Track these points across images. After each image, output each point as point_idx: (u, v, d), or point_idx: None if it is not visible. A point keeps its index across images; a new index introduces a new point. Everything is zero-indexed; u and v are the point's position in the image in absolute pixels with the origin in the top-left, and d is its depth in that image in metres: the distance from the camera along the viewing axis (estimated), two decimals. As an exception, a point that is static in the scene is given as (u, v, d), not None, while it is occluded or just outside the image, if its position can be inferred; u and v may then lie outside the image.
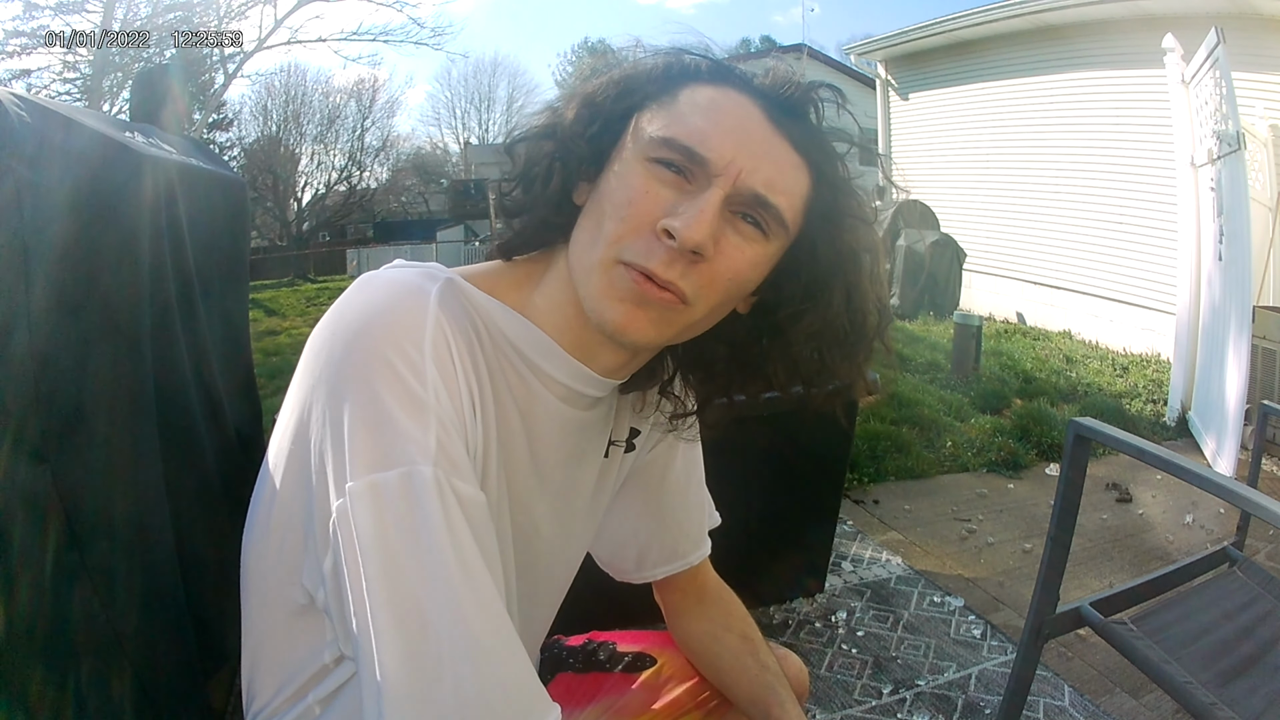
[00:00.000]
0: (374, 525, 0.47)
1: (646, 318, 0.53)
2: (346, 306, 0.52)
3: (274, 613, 0.58)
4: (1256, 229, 3.85)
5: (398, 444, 0.48)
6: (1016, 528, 2.54)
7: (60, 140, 0.85)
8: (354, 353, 0.50)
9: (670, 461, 0.80)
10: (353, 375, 0.49)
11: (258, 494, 0.59)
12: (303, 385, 0.53)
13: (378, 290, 0.53)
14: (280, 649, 0.59)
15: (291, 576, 0.56)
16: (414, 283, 0.54)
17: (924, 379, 4.32)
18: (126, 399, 0.98)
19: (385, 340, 0.50)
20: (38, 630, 0.78)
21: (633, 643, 0.90)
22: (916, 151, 8.53)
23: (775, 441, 1.82)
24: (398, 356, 0.49)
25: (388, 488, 0.47)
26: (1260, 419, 1.84)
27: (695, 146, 0.52)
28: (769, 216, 0.54)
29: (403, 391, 0.48)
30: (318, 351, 0.52)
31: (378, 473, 0.47)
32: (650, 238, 0.52)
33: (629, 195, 0.53)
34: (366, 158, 21.42)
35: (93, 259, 0.90)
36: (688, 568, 0.83)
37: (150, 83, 1.61)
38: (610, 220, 0.53)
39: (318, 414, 0.50)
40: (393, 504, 0.47)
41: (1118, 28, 5.88)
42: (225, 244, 1.60)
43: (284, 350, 5.41)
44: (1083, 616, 1.24)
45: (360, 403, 0.48)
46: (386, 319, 0.50)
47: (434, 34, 13.63)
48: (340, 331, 0.51)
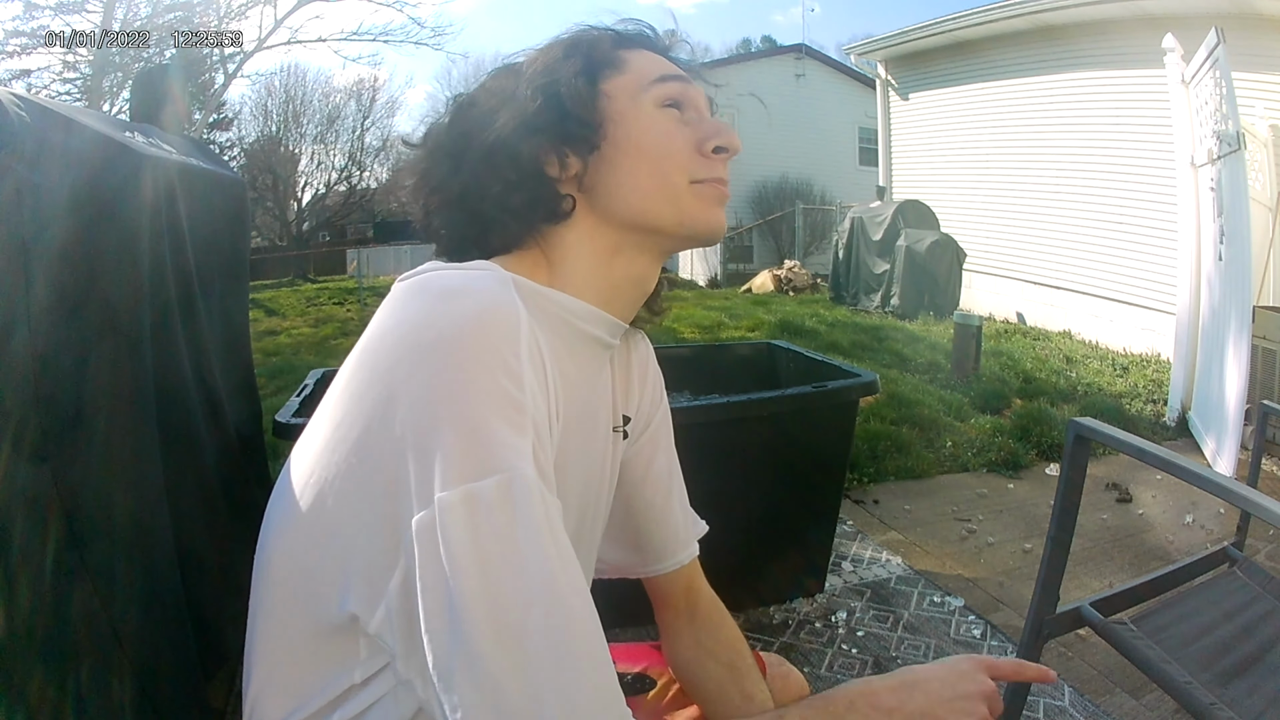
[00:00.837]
0: (469, 536, 0.45)
1: (723, 213, 0.66)
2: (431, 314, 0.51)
3: (294, 631, 0.56)
4: (1256, 229, 3.85)
5: (496, 451, 0.46)
6: (1016, 528, 2.54)
7: (60, 140, 0.85)
8: (451, 362, 0.48)
9: (654, 454, 0.81)
10: (450, 385, 0.47)
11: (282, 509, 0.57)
12: (368, 399, 0.50)
13: (467, 297, 0.51)
14: (298, 669, 0.56)
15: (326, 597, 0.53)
16: (498, 287, 0.53)
17: (924, 379, 4.32)
18: (126, 399, 0.98)
19: (487, 349, 0.49)
20: (38, 630, 0.78)
21: (631, 661, 0.88)
22: (916, 151, 8.53)
23: (775, 441, 1.82)
24: (499, 365, 0.49)
25: (485, 495, 0.45)
26: (1260, 419, 1.84)
27: (686, 85, 0.65)
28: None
29: (503, 398, 0.48)
30: (395, 363, 0.50)
31: (472, 482, 0.45)
32: (705, 158, 0.63)
33: (670, 135, 0.63)
34: (366, 158, 21.41)
35: (93, 259, 0.90)
36: (678, 566, 0.83)
37: (150, 83, 1.61)
38: (666, 157, 0.63)
39: (399, 428, 0.48)
40: (490, 512, 0.45)
41: (1118, 28, 5.88)
42: (225, 244, 1.60)
43: (284, 350, 5.42)
44: (1083, 616, 1.24)
45: (459, 415, 0.47)
46: (486, 326, 0.50)
47: (434, 34, 13.63)
48: (430, 342, 0.49)
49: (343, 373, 0.54)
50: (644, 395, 0.80)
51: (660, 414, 0.82)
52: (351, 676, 0.55)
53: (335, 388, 0.54)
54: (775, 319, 6.29)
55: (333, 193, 21.01)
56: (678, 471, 0.84)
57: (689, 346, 2.70)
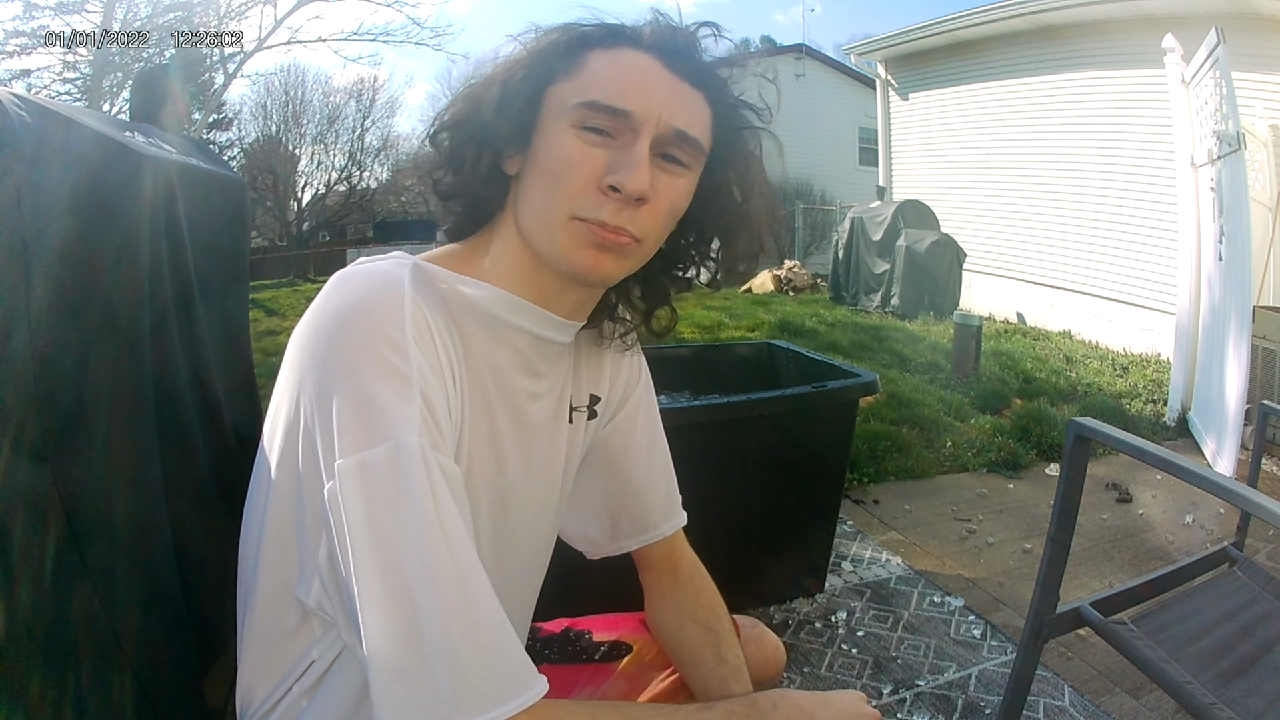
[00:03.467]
0: (362, 500, 0.48)
1: (608, 258, 0.60)
2: (327, 302, 0.55)
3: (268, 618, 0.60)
4: (1256, 229, 3.85)
5: (385, 420, 0.50)
6: (1016, 528, 2.54)
7: (60, 140, 0.85)
8: (339, 342, 0.52)
9: (633, 430, 0.81)
10: (339, 362, 0.51)
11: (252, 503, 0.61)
12: (289, 383, 0.55)
13: (355, 283, 0.56)
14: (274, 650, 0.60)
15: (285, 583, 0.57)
16: (387, 271, 0.57)
17: (924, 379, 4.32)
18: (126, 399, 0.98)
19: (369, 326, 0.52)
20: (38, 630, 0.78)
21: (608, 629, 0.89)
22: (916, 151, 8.53)
23: (775, 441, 1.82)
24: (381, 339, 0.52)
25: (375, 463, 0.49)
26: (1260, 419, 1.84)
27: (615, 103, 0.58)
28: (690, 149, 0.61)
29: (387, 369, 0.51)
30: (303, 348, 0.54)
31: (365, 450, 0.49)
32: (596, 194, 0.58)
33: (569, 160, 0.58)
34: (366, 158, 21.42)
35: (93, 259, 0.90)
36: (660, 539, 0.83)
37: (150, 83, 1.61)
38: (557, 184, 0.59)
39: (306, 407, 0.52)
40: (379, 478, 0.48)
41: (1118, 28, 5.88)
42: (225, 244, 1.60)
43: (284, 350, 5.41)
44: (1083, 616, 1.24)
45: (348, 387, 0.51)
46: (368, 306, 0.54)
47: (434, 34, 13.65)
48: (324, 325, 0.54)
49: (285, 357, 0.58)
50: (618, 375, 0.80)
51: (640, 389, 0.83)
52: (310, 655, 0.60)
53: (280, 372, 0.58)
54: (775, 319, 6.29)
55: (333, 193, 21.04)
56: (661, 446, 0.84)
57: (689, 346, 2.70)
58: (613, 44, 0.62)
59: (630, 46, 0.61)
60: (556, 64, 0.61)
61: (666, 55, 0.61)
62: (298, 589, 0.57)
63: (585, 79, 0.60)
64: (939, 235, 6.98)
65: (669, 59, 0.61)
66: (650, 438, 0.83)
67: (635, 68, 0.60)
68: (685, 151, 0.61)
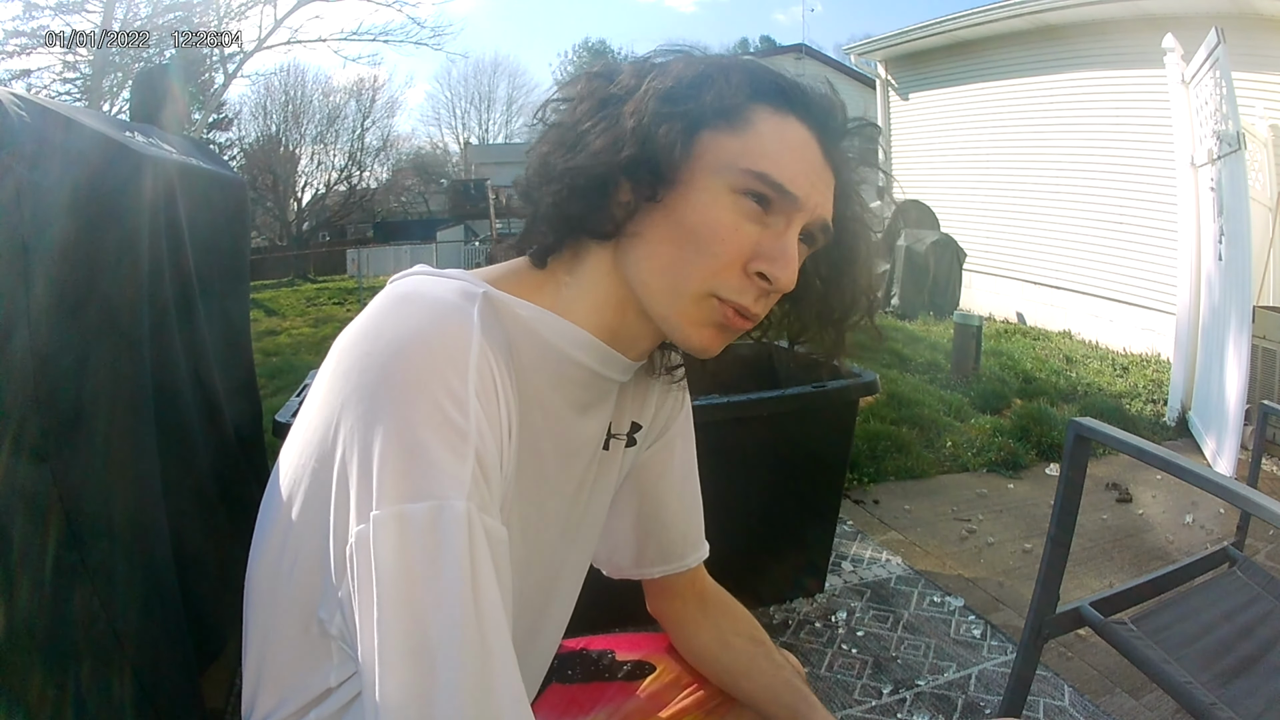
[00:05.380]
0: (395, 555, 0.45)
1: (726, 337, 0.58)
2: (383, 323, 0.50)
3: (283, 630, 0.57)
4: (1256, 229, 3.85)
5: (432, 476, 0.46)
6: (1016, 528, 2.54)
7: (60, 140, 0.85)
8: (392, 377, 0.47)
9: (669, 460, 0.81)
10: (389, 400, 0.47)
11: (269, 511, 0.58)
12: (328, 404, 0.50)
13: (418, 310, 0.51)
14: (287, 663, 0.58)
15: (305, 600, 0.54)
16: (455, 303, 0.52)
17: (924, 379, 4.32)
18: (126, 399, 0.98)
19: (429, 368, 0.48)
20: (38, 630, 0.78)
21: (630, 649, 0.89)
22: (916, 151, 8.53)
23: (775, 441, 1.82)
24: (440, 386, 0.47)
25: (415, 519, 0.45)
26: (1260, 419, 1.84)
27: (787, 185, 0.54)
28: (825, 237, 0.60)
29: (443, 421, 0.47)
30: (348, 370, 0.50)
31: (407, 503, 0.46)
32: (742, 276, 0.55)
33: (719, 232, 0.54)
34: (366, 158, 21.46)
35: (93, 259, 0.90)
36: (685, 570, 0.83)
37: (150, 83, 1.61)
38: (700, 253, 0.55)
39: (345, 437, 0.48)
40: (418, 536, 0.45)
41: (1118, 28, 5.88)
42: (225, 244, 1.60)
43: (284, 350, 5.41)
44: (1083, 616, 1.24)
45: (395, 430, 0.46)
46: (432, 344, 0.49)
47: (434, 34, 13.64)
48: (376, 352, 0.49)
49: (323, 370, 0.54)
50: (663, 404, 0.78)
51: (681, 419, 0.82)
52: (327, 680, 0.57)
53: (317, 386, 0.54)
54: (775, 319, 6.28)
55: (333, 193, 21.06)
56: (693, 478, 0.84)
57: (689, 346, 2.71)
58: (783, 106, 0.56)
59: (799, 118, 0.57)
60: (718, 103, 0.55)
61: (826, 137, 0.58)
62: (320, 609, 0.54)
63: (754, 143, 0.55)
64: (939, 235, 6.98)
65: (827, 142, 0.58)
66: (685, 469, 0.82)
67: (804, 146, 0.56)
68: (820, 238, 0.60)
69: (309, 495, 0.53)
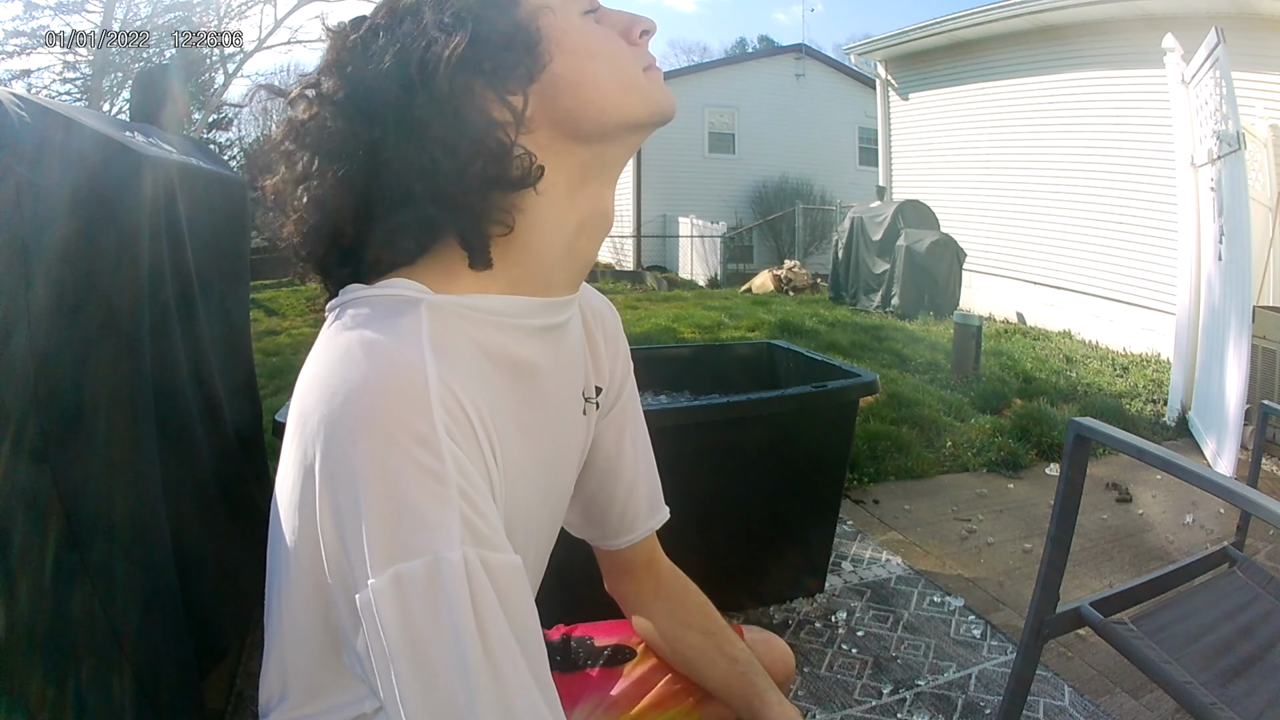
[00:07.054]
0: (399, 618, 0.45)
1: None
2: (333, 382, 0.48)
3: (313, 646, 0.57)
4: (1256, 229, 3.85)
5: (420, 530, 0.45)
6: (1016, 528, 2.54)
7: (60, 140, 0.85)
8: (357, 437, 0.46)
9: (624, 423, 0.80)
10: (362, 463, 0.46)
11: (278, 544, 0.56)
12: (298, 463, 0.49)
13: (365, 362, 0.49)
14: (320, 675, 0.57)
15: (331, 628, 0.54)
16: (399, 348, 0.49)
17: (924, 379, 4.32)
18: (126, 399, 0.98)
19: (390, 422, 0.46)
20: (38, 630, 0.78)
21: (608, 635, 0.89)
22: (916, 151, 8.53)
23: (775, 441, 1.82)
24: (407, 436, 0.46)
25: (412, 578, 0.45)
26: (1260, 419, 1.84)
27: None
28: None
29: (417, 470, 0.46)
30: (314, 436, 0.48)
31: (401, 563, 0.45)
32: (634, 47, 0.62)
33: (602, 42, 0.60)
34: (367, 158, 21.40)
35: (93, 259, 0.90)
36: (648, 533, 0.83)
37: (150, 83, 1.61)
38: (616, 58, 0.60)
39: (324, 505, 0.48)
40: (417, 594, 0.45)
41: (1118, 28, 5.88)
42: (226, 244, 1.60)
43: (284, 350, 5.41)
44: (1083, 616, 1.24)
45: (375, 491, 0.45)
46: (388, 396, 0.47)
47: (434, 34, 13.55)
48: (335, 415, 0.47)
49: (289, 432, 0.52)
50: (615, 365, 0.79)
51: (630, 380, 0.82)
52: (362, 706, 0.56)
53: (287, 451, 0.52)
54: (775, 319, 6.28)
55: (333, 193, 21.00)
56: (647, 442, 0.84)
57: (689, 346, 2.70)
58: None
59: None
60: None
61: None
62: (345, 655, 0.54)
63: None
64: (939, 235, 6.98)
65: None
66: (638, 433, 0.82)
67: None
68: None
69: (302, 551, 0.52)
